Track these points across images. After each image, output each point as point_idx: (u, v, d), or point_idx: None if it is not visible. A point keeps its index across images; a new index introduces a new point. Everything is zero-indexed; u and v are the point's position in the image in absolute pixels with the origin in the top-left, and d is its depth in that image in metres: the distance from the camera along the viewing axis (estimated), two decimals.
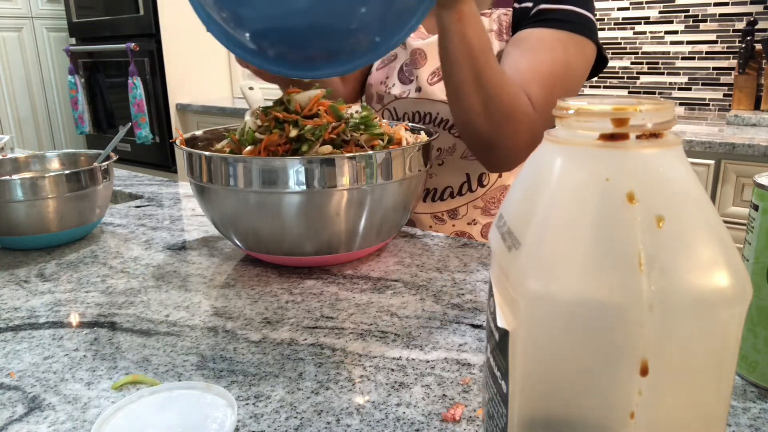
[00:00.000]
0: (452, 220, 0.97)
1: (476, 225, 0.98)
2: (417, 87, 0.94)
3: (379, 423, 0.42)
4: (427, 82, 0.93)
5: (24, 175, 0.88)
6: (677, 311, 0.23)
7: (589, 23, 0.83)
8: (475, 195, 0.96)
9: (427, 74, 0.93)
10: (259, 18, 0.60)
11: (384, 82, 0.99)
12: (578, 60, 0.83)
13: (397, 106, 0.96)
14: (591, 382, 0.25)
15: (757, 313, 0.44)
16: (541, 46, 0.81)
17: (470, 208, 0.97)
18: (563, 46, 0.81)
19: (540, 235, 0.25)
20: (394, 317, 0.58)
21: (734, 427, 0.41)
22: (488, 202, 0.97)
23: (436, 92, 0.92)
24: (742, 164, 1.62)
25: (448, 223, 0.97)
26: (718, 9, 2.12)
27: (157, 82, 2.88)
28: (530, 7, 0.85)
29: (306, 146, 0.65)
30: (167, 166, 2.99)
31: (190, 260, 0.74)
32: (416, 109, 0.94)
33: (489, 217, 0.98)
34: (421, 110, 0.94)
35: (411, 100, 0.94)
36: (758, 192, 0.43)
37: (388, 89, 0.98)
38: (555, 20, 0.82)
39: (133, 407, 0.43)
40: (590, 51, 0.84)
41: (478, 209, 0.97)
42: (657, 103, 0.25)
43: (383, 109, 0.99)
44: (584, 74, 0.86)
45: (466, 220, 0.97)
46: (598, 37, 0.85)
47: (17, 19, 3.13)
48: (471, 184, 0.95)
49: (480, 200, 0.96)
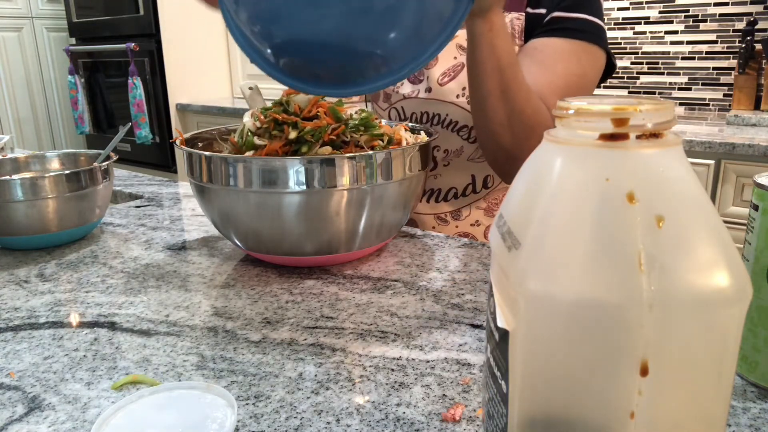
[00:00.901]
0: (455, 221, 0.97)
1: (479, 226, 0.98)
2: (427, 87, 0.94)
3: (379, 423, 0.42)
4: (438, 82, 0.93)
5: (24, 175, 0.88)
6: (677, 311, 0.23)
7: (601, 32, 0.84)
8: (479, 196, 0.96)
9: (438, 74, 0.93)
10: (288, 34, 0.58)
11: None
12: (592, 70, 0.84)
13: (405, 106, 0.96)
14: (591, 382, 0.25)
15: (757, 313, 0.44)
16: (557, 58, 0.82)
17: (473, 209, 0.97)
18: (577, 57, 0.82)
19: (540, 235, 0.25)
20: (394, 317, 0.58)
21: (734, 427, 0.41)
22: (491, 204, 0.97)
23: (446, 93, 0.92)
24: (742, 164, 1.62)
25: (452, 224, 0.97)
26: (718, 9, 2.12)
27: (157, 82, 2.88)
28: (544, 13, 0.85)
29: (305, 148, 0.65)
30: (167, 166, 2.99)
31: (190, 260, 0.74)
32: (425, 110, 0.94)
33: (492, 219, 0.98)
34: (430, 111, 0.94)
35: (420, 100, 0.94)
36: (758, 192, 0.43)
37: (396, 88, 0.97)
38: (569, 29, 0.83)
39: (133, 407, 0.43)
40: (602, 59, 0.85)
41: (481, 210, 0.97)
42: (657, 103, 0.25)
43: (390, 108, 0.98)
44: (596, 82, 0.87)
45: (469, 222, 0.97)
46: (608, 45, 0.86)
47: (17, 19, 3.13)
48: (476, 186, 0.95)
49: (483, 201, 0.96)
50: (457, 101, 0.91)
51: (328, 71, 0.61)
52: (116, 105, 3.11)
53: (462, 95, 0.91)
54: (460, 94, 0.91)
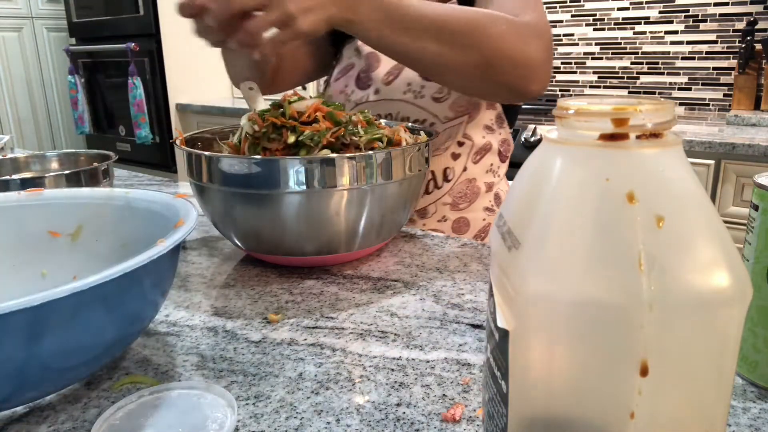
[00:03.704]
0: (422, 219, 0.97)
1: (446, 221, 0.97)
2: (375, 89, 0.95)
3: (379, 423, 0.42)
4: (383, 82, 0.94)
5: (24, 175, 0.88)
6: (677, 311, 0.23)
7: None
8: (442, 191, 0.96)
9: (382, 74, 0.94)
10: None
11: (343, 91, 1.00)
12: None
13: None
14: (591, 382, 0.25)
15: (757, 313, 0.44)
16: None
17: (439, 205, 0.96)
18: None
19: (540, 235, 0.25)
20: (394, 317, 0.58)
21: (734, 427, 0.41)
22: (456, 197, 0.97)
23: (393, 92, 0.93)
24: (742, 164, 1.62)
25: (419, 222, 0.97)
26: (718, 9, 2.12)
27: (157, 82, 2.88)
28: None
29: (304, 152, 0.65)
30: (167, 166, 2.99)
31: (190, 260, 0.74)
32: (377, 112, 0.95)
33: (458, 212, 0.97)
34: (382, 112, 0.95)
35: (371, 103, 0.96)
36: (758, 192, 0.43)
37: (348, 97, 0.99)
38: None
39: (133, 407, 0.43)
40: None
41: (447, 205, 0.97)
42: (657, 103, 0.25)
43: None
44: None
45: (436, 218, 0.97)
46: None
47: (17, 19, 3.13)
48: (437, 181, 0.95)
49: (448, 196, 0.96)
50: (404, 98, 0.93)
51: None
52: (116, 105, 3.11)
53: (408, 91, 0.92)
54: (406, 90, 0.93)
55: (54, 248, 0.59)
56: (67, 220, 0.59)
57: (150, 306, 0.47)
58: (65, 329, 0.38)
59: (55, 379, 0.41)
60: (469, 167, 0.96)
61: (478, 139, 0.95)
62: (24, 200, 0.59)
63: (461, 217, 0.98)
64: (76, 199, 0.60)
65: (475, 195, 0.97)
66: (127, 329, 0.45)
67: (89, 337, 0.40)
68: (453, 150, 0.94)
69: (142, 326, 0.49)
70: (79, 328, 0.39)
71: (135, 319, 0.46)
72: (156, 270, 0.45)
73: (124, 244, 0.57)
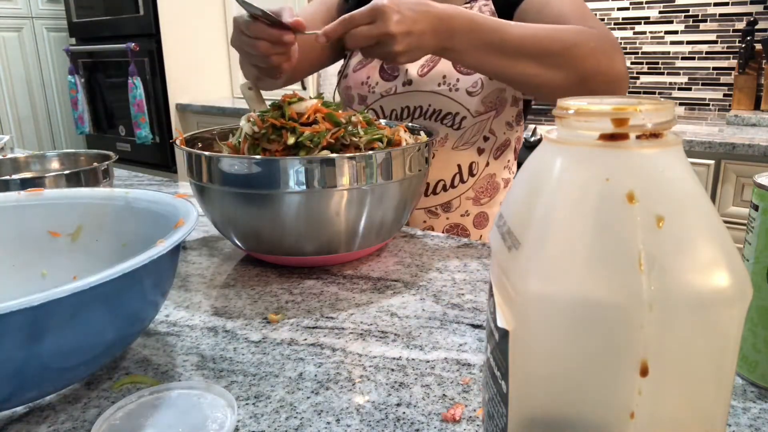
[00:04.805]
0: (446, 213, 0.98)
1: (468, 216, 0.99)
2: (405, 80, 0.94)
3: (379, 423, 0.42)
4: (418, 74, 0.93)
5: (24, 175, 0.88)
6: (677, 311, 0.23)
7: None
8: (467, 186, 0.97)
9: (417, 65, 0.93)
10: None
11: (366, 83, 0.99)
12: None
13: (383, 104, 0.97)
14: (591, 382, 0.25)
15: (757, 313, 0.44)
16: (560, 2, 0.84)
17: (463, 199, 0.98)
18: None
19: (540, 235, 0.25)
20: (394, 317, 0.58)
21: (734, 427, 0.41)
22: (478, 192, 0.98)
23: (427, 83, 0.92)
24: (742, 164, 1.62)
25: (442, 216, 0.98)
26: (718, 9, 2.12)
27: (157, 82, 2.88)
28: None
29: (304, 153, 0.65)
30: (167, 166, 2.99)
31: (190, 260, 0.74)
32: (404, 104, 0.94)
33: (479, 207, 0.99)
34: (411, 104, 0.94)
35: (399, 95, 0.95)
36: (758, 192, 0.43)
37: (371, 89, 0.98)
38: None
39: (133, 407, 0.43)
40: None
41: (470, 200, 0.98)
42: (657, 103, 0.25)
43: (368, 109, 0.99)
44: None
45: (459, 212, 0.98)
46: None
47: (17, 19, 3.13)
48: (462, 175, 0.96)
49: (471, 190, 0.97)
50: (438, 89, 0.92)
51: None
52: (116, 105, 3.11)
53: (443, 83, 0.92)
54: (441, 82, 0.92)
55: (54, 248, 0.59)
56: (67, 220, 0.59)
57: (150, 306, 0.47)
58: (65, 329, 0.38)
59: (55, 379, 0.41)
60: (491, 162, 0.97)
61: (500, 135, 0.96)
62: (24, 200, 0.59)
63: (482, 212, 0.99)
64: (76, 199, 0.60)
65: (495, 190, 0.99)
66: (127, 329, 0.45)
67: (89, 337, 0.40)
68: (479, 145, 0.95)
69: (142, 326, 0.49)
70: (79, 328, 0.39)
71: (135, 319, 0.46)
72: (156, 270, 0.45)
73: (124, 244, 0.57)
